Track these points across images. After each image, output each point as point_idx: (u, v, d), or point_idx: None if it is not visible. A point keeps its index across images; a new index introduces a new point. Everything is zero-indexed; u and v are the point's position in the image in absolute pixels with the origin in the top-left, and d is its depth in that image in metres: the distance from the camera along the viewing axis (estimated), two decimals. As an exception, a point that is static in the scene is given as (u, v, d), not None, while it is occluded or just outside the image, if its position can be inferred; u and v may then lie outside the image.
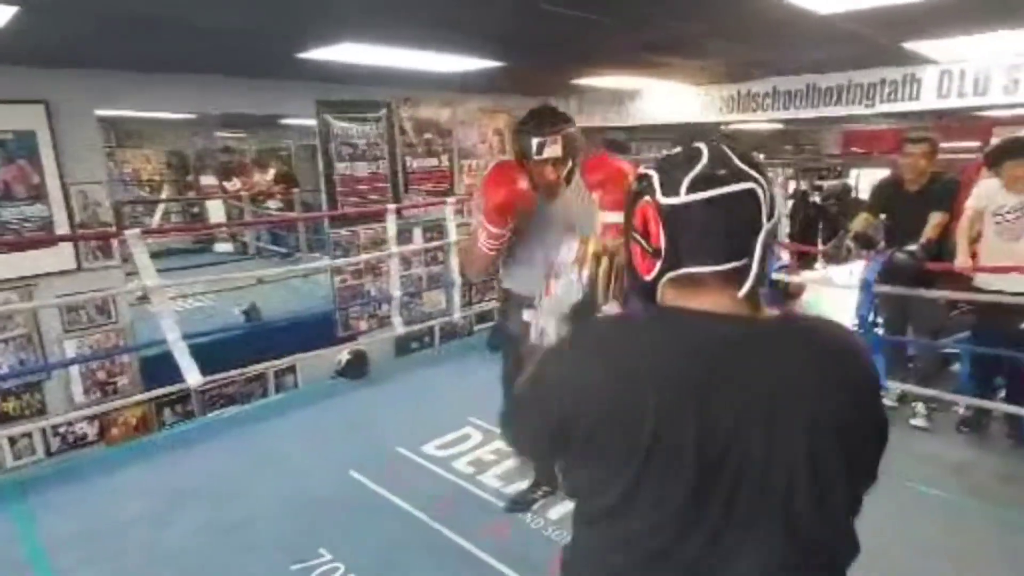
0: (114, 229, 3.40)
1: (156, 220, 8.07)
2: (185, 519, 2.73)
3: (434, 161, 5.01)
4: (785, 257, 5.77)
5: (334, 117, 4.36)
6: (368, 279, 4.67)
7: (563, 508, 2.64)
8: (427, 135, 4.94)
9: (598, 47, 3.27)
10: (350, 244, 4.55)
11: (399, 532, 2.59)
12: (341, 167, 4.43)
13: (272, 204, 8.54)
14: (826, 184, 9.77)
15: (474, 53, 3.33)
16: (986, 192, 3.08)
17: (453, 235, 4.58)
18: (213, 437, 3.54)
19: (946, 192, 3.24)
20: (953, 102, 3.91)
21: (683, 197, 0.79)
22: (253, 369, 3.92)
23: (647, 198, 0.82)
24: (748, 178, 0.79)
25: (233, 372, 3.75)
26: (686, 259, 0.80)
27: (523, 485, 2.81)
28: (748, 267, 0.79)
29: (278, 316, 4.84)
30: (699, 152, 0.81)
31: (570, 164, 2.07)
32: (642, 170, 0.86)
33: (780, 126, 6.88)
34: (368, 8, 2.32)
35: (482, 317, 5.37)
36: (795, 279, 5.24)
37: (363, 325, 4.68)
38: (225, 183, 8.81)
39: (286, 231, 8.29)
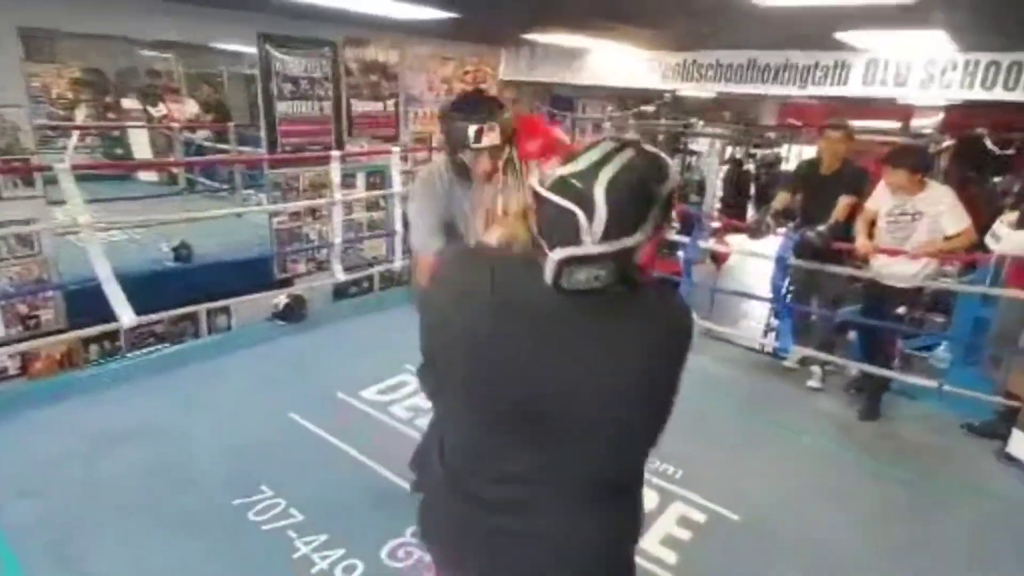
0: (36, 161, 3.22)
1: (72, 145, 7.51)
2: (119, 457, 2.75)
3: (380, 106, 4.92)
4: (715, 225, 6.08)
5: (277, 51, 4.20)
6: (308, 220, 4.62)
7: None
8: (373, 77, 4.84)
9: (551, 5, 3.29)
10: (290, 185, 4.47)
11: (339, 471, 2.72)
12: (283, 106, 4.30)
13: (203, 134, 8.10)
14: (759, 153, 10.19)
15: (426, 3, 3.28)
16: (881, 193, 3.38)
17: (397, 183, 4.57)
18: (145, 376, 3.50)
19: (855, 178, 3.55)
20: (876, 90, 4.19)
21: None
22: (187, 310, 3.86)
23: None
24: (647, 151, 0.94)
25: (170, 312, 3.69)
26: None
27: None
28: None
29: (211, 255, 4.73)
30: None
31: (507, 151, 1.90)
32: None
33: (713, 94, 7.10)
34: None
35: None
36: (721, 247, 5.57)
37: (301, 268, 4.65)
38: (151, 108, 8.26)
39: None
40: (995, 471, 2.99)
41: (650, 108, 7.32)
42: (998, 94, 3.76)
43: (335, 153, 4.28)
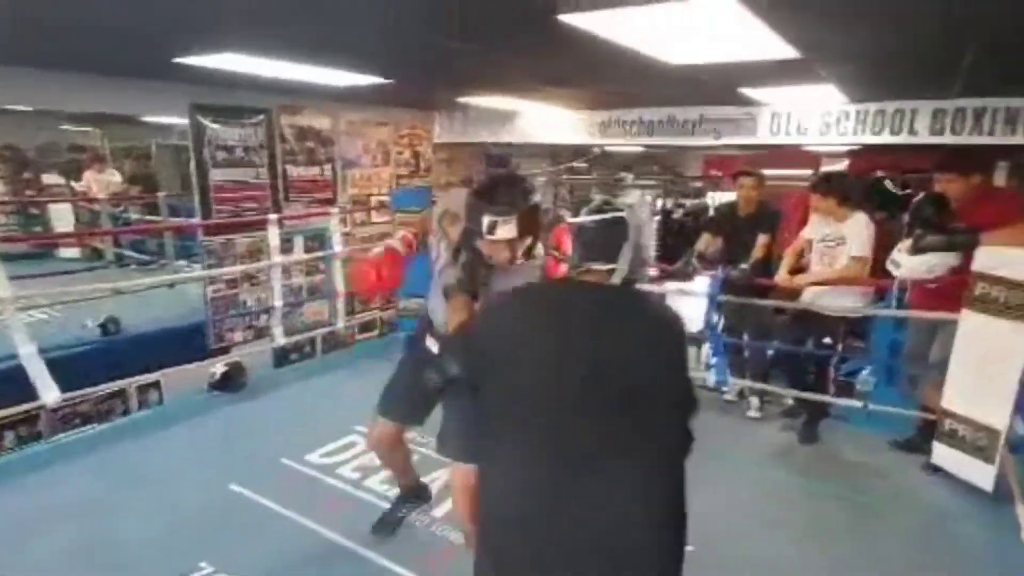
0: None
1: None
2: (45, 541, 2.55)
3: (316, 170, 4.98)
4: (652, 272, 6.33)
5: (211, 121, 4.22)
6: (245, 287, 4.54)
7: (447, 506, 2.78)
8: (309, 143, 4.91)
9: (485, 74, 3.49)
10: (226, 252, 4.41)
11: (285, 539, 2.60)
12: (217, 173, 4.29)
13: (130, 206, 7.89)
14: (688, 203, 10.77)
15: (359, 70, 3.42)
16: (813, 222, 3.66)
17: (337, 245, 4.58)
18: (72, 458, 3.29)
19: (770, 219, 3.87)
20: (782, 139, 4.60)
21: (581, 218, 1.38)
22: (115, 385, 3.68)
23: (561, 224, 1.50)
24: (619, 211, 1.38)
25: (98, 389, 3.51)
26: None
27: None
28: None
29: (141, 327, 4.54)
30: (593, 199, 1.45)
31: (529, 241, 1.79)
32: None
33: (641, 149, 7.57)
34: (254, 22, 2.36)
35: (366, 326, 5.39)
36: (656, 288, 5.80)
37: (238, 336, 4.53)
38: (75, 183, 8.01)
39: (148, 236, 7.69)
40: (923, 482, 3.16)
41: (582, 164, 7.70)
42: (886, 138, 4.18)
43: (272, 217, 4.27)
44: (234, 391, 4.17)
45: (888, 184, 6.35)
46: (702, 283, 4.15)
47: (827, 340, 3.55)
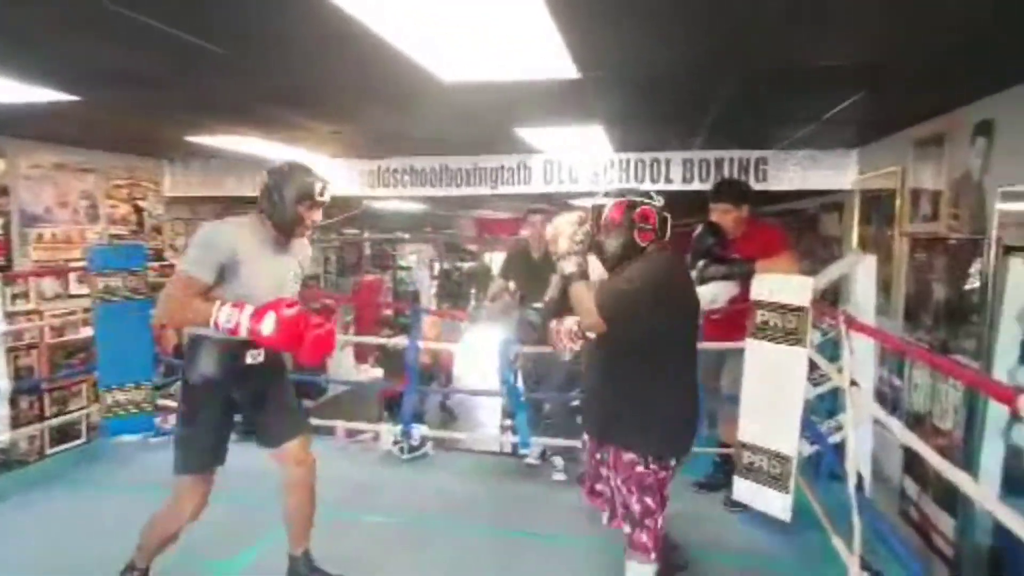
0: None
1: None
2: None
3: (-21, 226, 3.66)
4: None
5: None
6: None
7: None
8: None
9: (202, 87, 2.75)
10: None
11: None
12: None
13: None
14: (465, 266, 10.79)
15: (24, 75, 2.47)
16: (594, 265, 3.52)
17: (2, 323, 3.30)
18: None
19: None
20: (556, 187, 4.59)
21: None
22: None
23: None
24: None
25: None
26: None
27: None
28: None
29: None
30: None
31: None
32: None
33: (423, 207, 7.27)
34: None
35: (65, 434, 4.00)
36: (442, 346, 5.37)
37: None
38: None
39: None
40: (728, 521, 3.06)
41: (353, 231, 7.12)
42: (647, 185, 4.38)
43: None
44: None
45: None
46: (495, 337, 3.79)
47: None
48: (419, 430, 3.69)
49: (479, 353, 5.25)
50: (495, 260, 10.06)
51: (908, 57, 2.14)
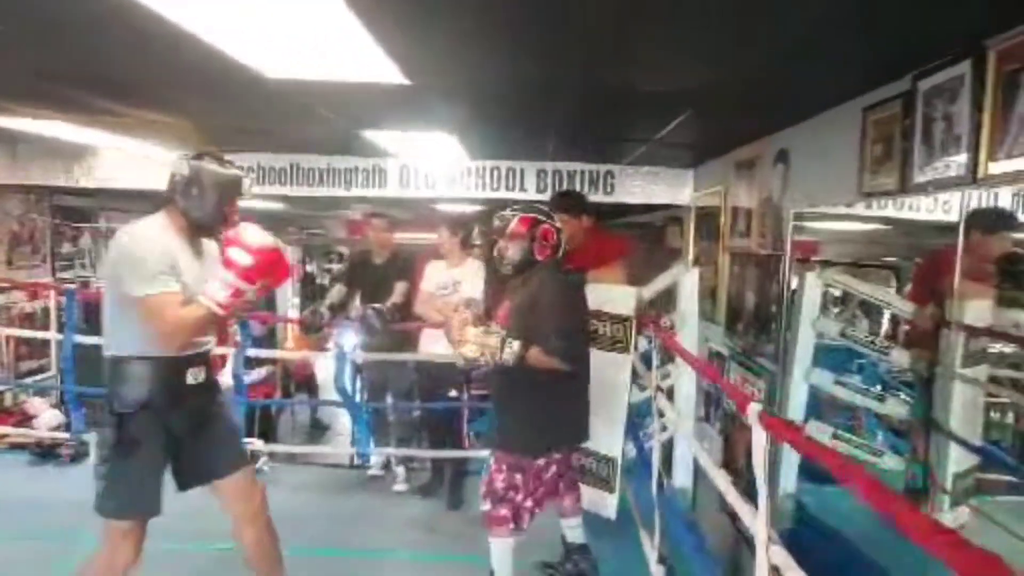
0: None
1: None
2: None
3: None
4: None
5: None
6: None
7: None
8: None
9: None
10: None
11: None
12: None
13: None
14: (335, 268, 10.40)
15: None
16: (430, 272, 3.49)
17: None
18: None
19: (406, 265, 3.61)
20: (412, 192, 4.53)
21: None
22: None
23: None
24: None
25: None
26: None
27: None
28: None
29: None
30: None
31: None
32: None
33: (280, 206, 6.88)
34: None
35: None
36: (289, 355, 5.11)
37: None
38: None
39: None
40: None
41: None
42: (503, 193, 4.44)
43: None
44: None
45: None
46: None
47: (453, 393, 3.39)
48: (251, 445, 3.46)
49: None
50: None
51: (722, 86, 2.31)
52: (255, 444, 3.53)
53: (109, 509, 1.76)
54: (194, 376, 1.85)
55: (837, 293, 3.79)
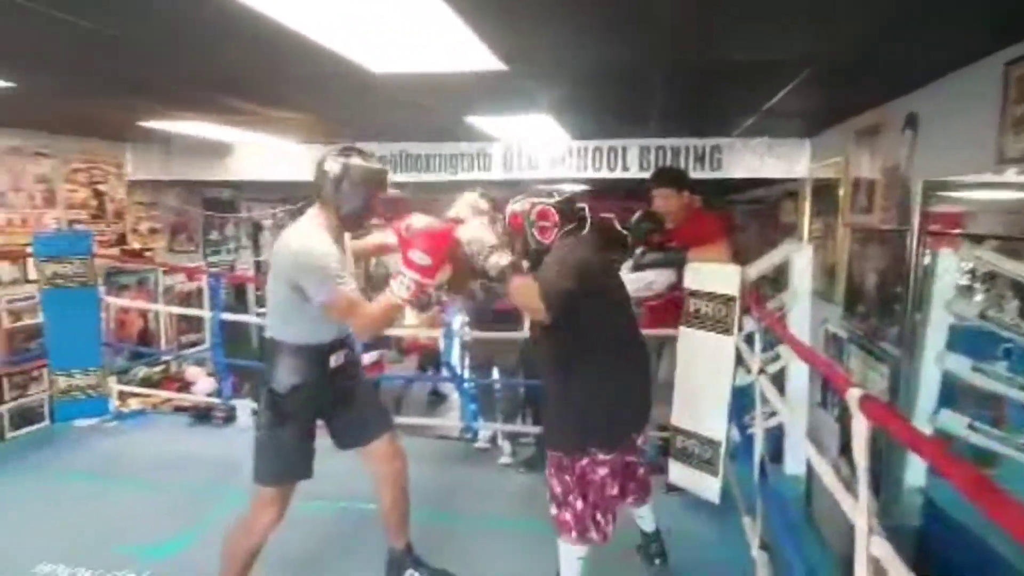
0: None
1: None
2: None
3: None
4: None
5: None
6: None
7: None
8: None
9: (142, 76, 2.75)
10: None
11: None
12: None
13: None
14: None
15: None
16: None
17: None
18: None
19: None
20: (516, 174, 4.61)
21: None
22: None
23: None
24: None
25: None
26: None
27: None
28: None
29: None
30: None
31: None
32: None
33: (395, 192, 7.29)
34: None
35: (27, 418, 4.05)
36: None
37: None
38: None
39: None
40: (662, 503, 3.11)
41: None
42: (605, 172, 4.41)
43: None
44: None
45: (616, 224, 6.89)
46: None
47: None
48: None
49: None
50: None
51: (839, 47, 2.14)
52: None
53: (266, 477, 1.92)
54: (336, 360, 1.99)
55: (982, 271, 3.41)
